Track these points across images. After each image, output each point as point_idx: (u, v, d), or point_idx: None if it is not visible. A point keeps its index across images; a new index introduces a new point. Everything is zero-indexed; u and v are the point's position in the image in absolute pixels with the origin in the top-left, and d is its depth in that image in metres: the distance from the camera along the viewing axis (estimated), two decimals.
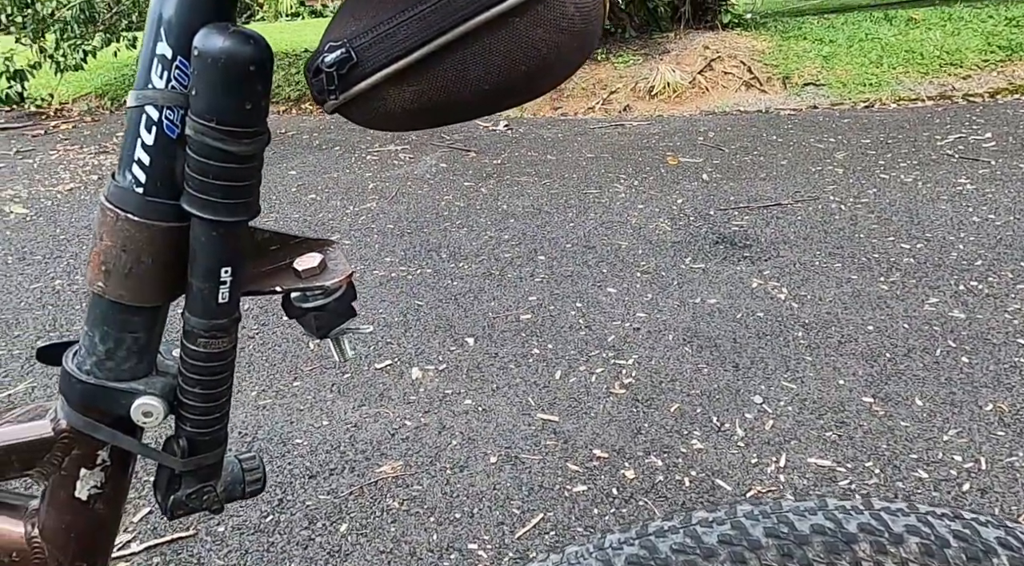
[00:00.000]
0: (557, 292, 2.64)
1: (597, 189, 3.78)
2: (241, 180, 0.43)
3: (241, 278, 0.46)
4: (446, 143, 4.92)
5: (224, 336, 0.47)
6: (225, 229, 0.44)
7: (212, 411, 0.49)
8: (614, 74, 6.26)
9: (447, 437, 1.87)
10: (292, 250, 0.51)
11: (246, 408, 2.02)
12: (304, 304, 0.52)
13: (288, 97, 6.87)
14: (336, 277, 0.50)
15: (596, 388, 2.05)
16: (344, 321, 0.53)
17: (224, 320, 0.46)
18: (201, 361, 0.46)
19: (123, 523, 1.59)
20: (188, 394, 0.48)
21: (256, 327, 2.47)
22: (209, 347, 0.46)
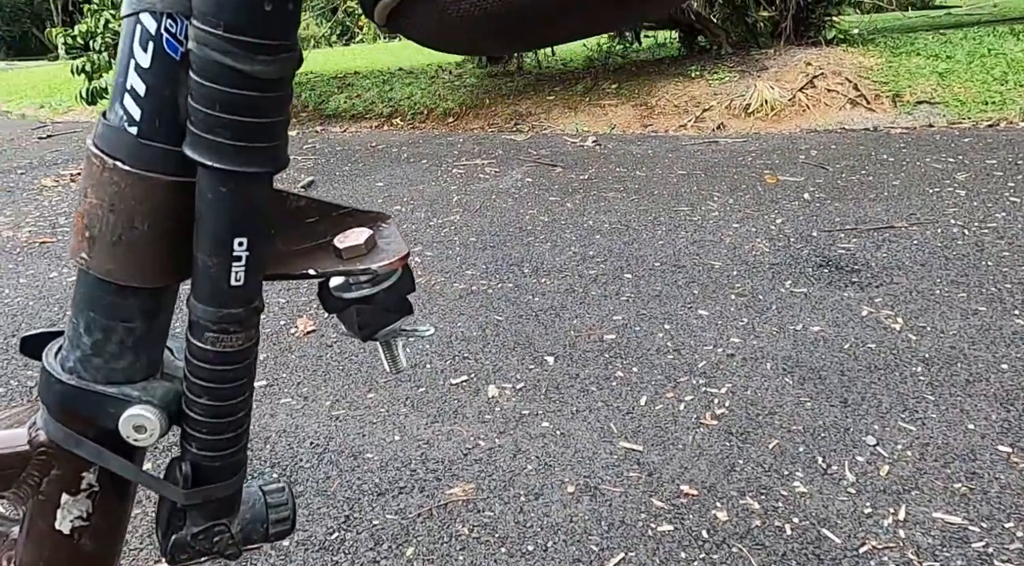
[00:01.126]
0: (644, 312, 2.49)
1: (688, 207, 3.60)
2: (259, 115, 0.32)
3: (263, 254, 0.36)
4: (532, 158, 4.86)
5: (238, 330, 0.36)
6: (237, 184, 0.33)
7: (223, 428, 0.38)
8: (708, 91, 6.05)
9: (522, 461, 1.75)
10: (335, 223, 0.40)
11: (319, 418, 1.97)
12: (346, 294, 0.42)
13: (381, 113, 7.02)
14: (387, 259, 0.39)
15: (685, 417, 1.88)
16: (396, 319, 0.42)
17: (238, 309, 0.36)
18: (208, 362, 0.36)
19: None
20: (194, 406, 0.38)
21: (335, 336, 2.44)
22: (219, 344, 0.36)
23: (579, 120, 6.09)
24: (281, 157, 0.35)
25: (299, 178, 4.61)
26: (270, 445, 1.86)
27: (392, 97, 7.25)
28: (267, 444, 1.86)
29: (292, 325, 2.53)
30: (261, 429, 1.92)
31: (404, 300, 0.43)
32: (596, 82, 6.83)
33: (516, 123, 6.29)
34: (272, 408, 2.02)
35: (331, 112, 7.27)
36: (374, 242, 0.40)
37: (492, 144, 5.47)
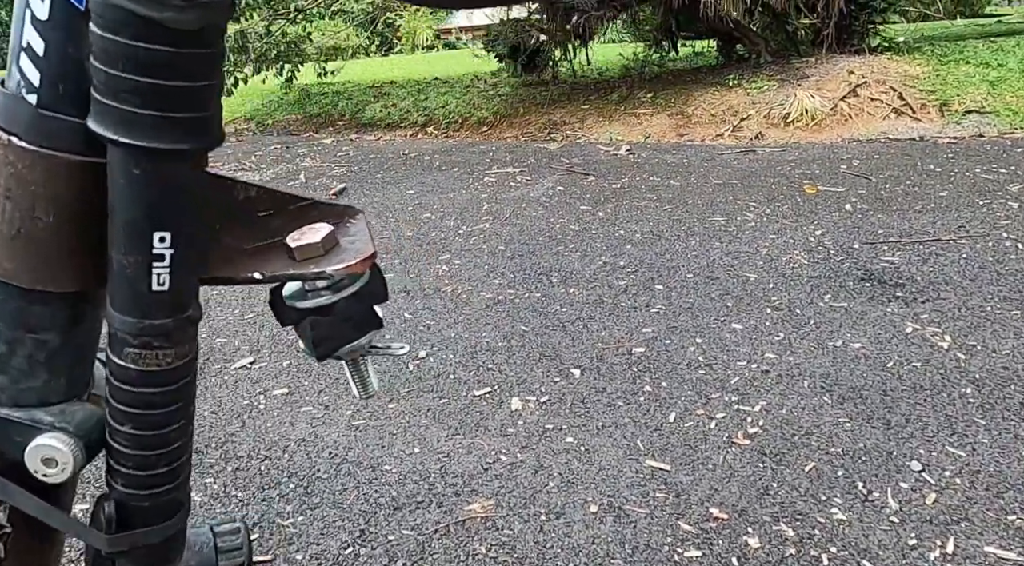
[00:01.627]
0: (675, 325, 2.41)
1: (724, 217, 3.50)
2: (176, 77, 0.26)
3: (194, 253, 0.30)
4: (565, 166, 4.80)
5: (165, 345, 0.30)
6: (153, 164, 0.27)
7: (153, 463, 0.32)
8: (746, 100, 5.93)
9: (544, 477, 1.69)
10: (293, 218, 0.35)
11: (339, 427, 1.94)
12: (299, 303, 0.35)
13: (415, 122, 7.05)
14: (346, 261, 0.33)
15: (716, 436, 1.80)
16: (361, 335, 0.36)
17: (163, 319, 0.30)
18: (130, 384, 0.30)
19: None
20: (117, 435, 0.32)
21: None
22: (142, 362, 0.30)
23: (613, 129, 6.02)
24: (212, 131, 0.29)
25: (331, 185, 4.63)
26: (288, 454, 1.83)
27: (427, 106, 7.28)
28: (285, 453, 1.83)
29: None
30: (280, 438, 1.90)
31: (371, 312, 0.37)
32: (631, 91, 6.76)
33: (550, 132, 6.25)
34: (292, 416, 1.99)
35: (367, 121, 7.33)
36: (335, 241, 0.34)
37: (524, 153, 5.44)
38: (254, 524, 1.59)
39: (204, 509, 1.63)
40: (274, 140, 6.80)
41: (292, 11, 8.02)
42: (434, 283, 2.90)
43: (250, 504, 1.64)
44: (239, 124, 7.92)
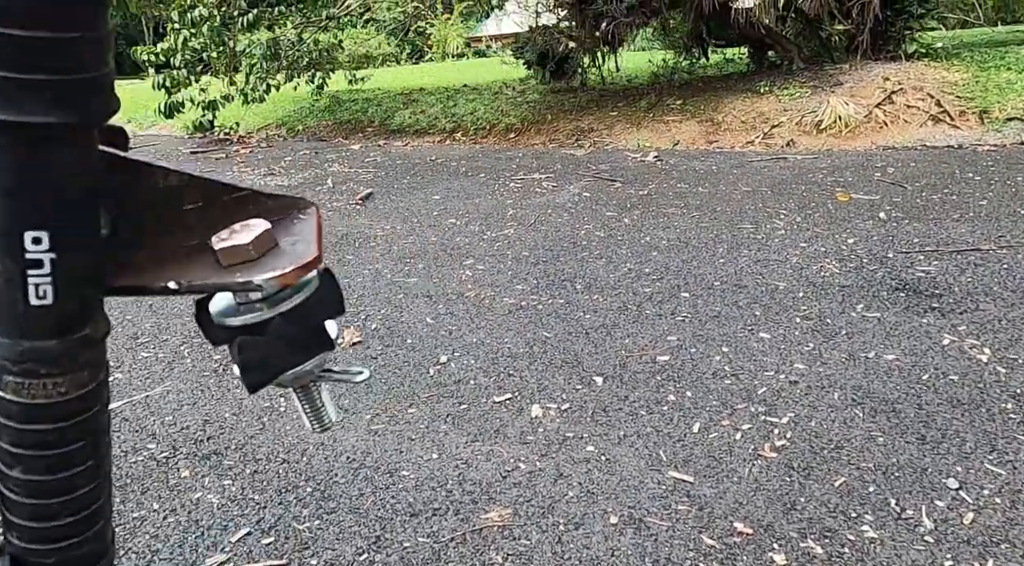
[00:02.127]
0: (701, 334, 2.35)
1: (752, 224, 3.43)
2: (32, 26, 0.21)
3: (86, 257, 0.25)
4: (591, 173, 4.77)
5: (54, 373, 0.25)
6: (17, 143, 0.22)
7: (52, 513, 0.27)
8: (777, 107, 5.84)
9: (563, 487, 1.65)
10: (227, 212, 0.29)
11: (358, 432, 1.92)
12: (228, 320, 0.29)
13: (443, 128, 7.07)
14: (277, 269, 0.27)
15: (741, 448, 1.75)
16: (303, 360, 0.30)
17: (48, 341, 0.24)
18: (12, 419, 0.25)
19: (220, 542, 1.53)
20: (6, 480, 0.26)
21: (380, 348, 2.40)
22: (25, 393, 0.25)
23: (641, 136, 5.97)
24: (92, 101, 0.23)
25: (358, 190, 4.65)
26: (307, 458, 1.81)
27: (455, 113, 7.30)
28: (304, 456, 1.82)
29: (339, 336, 2.50)
30: (299, 441, 1.89)
31: (319, 330, 0.31)
32: (660, 98, 6.70)
33: (577, 138, 6.22)
34: None
35: (396, 127, 7.37)
36: (271, 242, 0.28)
37: (551, 159, 5.41)
38: (270, 527, 1.57)
39: (222, 511, 1.63)
40: (304, 146, 6.88)
41: (324, 19, 8.12)
42: (457, 288, 2.88)
43: (267, 507, 1.63)
44: (270, 130, 8.03)
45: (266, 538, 1.53)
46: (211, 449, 1.87)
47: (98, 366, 0.26)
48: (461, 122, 7.09)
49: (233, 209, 0.29)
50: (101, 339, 0.26)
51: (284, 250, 0.28)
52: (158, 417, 2.04)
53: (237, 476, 1.75)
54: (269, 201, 0.30)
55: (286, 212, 0.30)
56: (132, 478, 1.76)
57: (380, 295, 2.85)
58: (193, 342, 2.51)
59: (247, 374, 0.29)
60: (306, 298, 0.30)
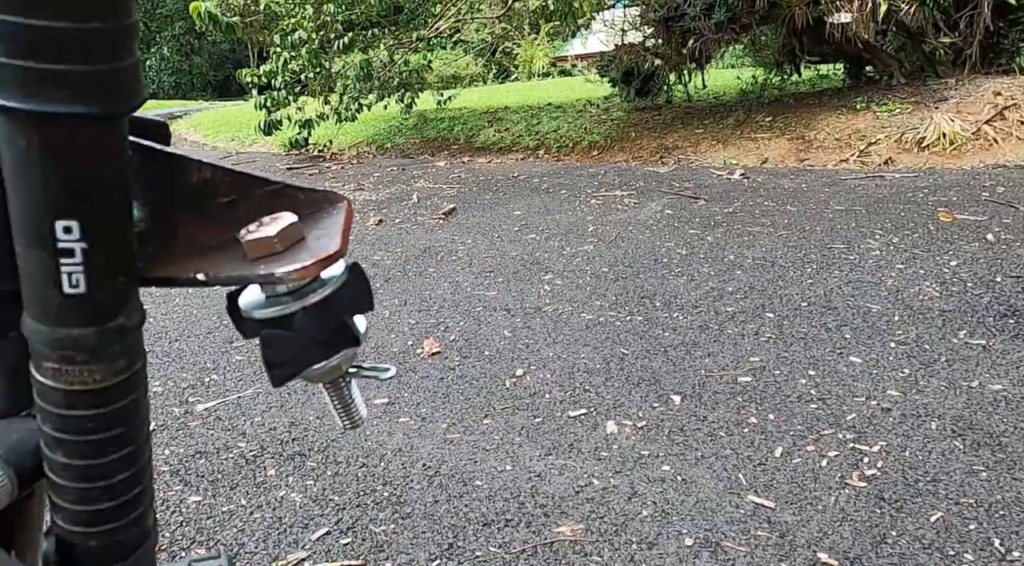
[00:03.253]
0: (785, 355, 2.27)
1: (844, 244, 3.29)
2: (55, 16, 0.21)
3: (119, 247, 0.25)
4: (675, 190, 4.70)
5: (89, 361, 0.25)
6: (46, 133, 0.22)
7: (93, 497, 0.27)
8: (875, 124, 5.59)
9: (637, 505, 1.62)
10: (259, 206, 0.29)
11: (434, 440, 1.96)
12: (256, 313, 0.30)
13: (527, 146, 7.15)
14: (300, 262, 0.27)
15: (827, 475, 1.67)
16: (328, 356, 0.31)
17: (83, 329, 0.25)
18: (53, 405, 0.26)
19: (301, 540, 1.58)
20: (50, 463, 0.28)
21: (458, 359, 2.44)
22: (63, 380, 0.26)
23: (728, 153, 5.84)
24: (121, 90, 0.23)
25: (441, 205, 4.76)
26: (384, 463, 1.86)
27: (539, 130, 7.37)
28: (382, 461, 1.87)
29: (419, 345, 2.56)
30: (378, 446, 1.94)
31: (344, 326, 0.31)
32: (749, 115, 6.55)
33: (661, 156, 6.15)
34: (390, 426, 2.04)
35: (480, 144, 7.51)
36: (297, 235, 0.28)
37: (634, 176, 5.37)
38: (348, 528, 1.62)
39: (303, 510, 1.69)
40: (391, 162, 7.11)
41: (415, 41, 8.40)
42: (535, 302, 2.90)
43: (345, 509, 1.68)
44: (361, 147, 8.35)
45: (344, 538, 1.58)
46: (295, 450, 1.94)
47: (134, 354, 0.27)
48: (544, 140, 7.15)
49: (265, 202, 0.30)
50: (135, 328, 0.26)
51: (309, 244, 0.29)
52: (248, 417, 2.14)
53: (319, 477, 1.81)
54: (301, 195, 0.30)
55: (317, 206, 0.30)
56: (223, 474, 1.86)
57: (460, 307, 2.90)
58: None
59: (272, 368, 0.30)
60: (332, 293, 0.30)
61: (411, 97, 8.53)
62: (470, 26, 10.72)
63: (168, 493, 1.78)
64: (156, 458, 1.93)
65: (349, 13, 7.19)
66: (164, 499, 1.76)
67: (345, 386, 0.34)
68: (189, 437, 2.03)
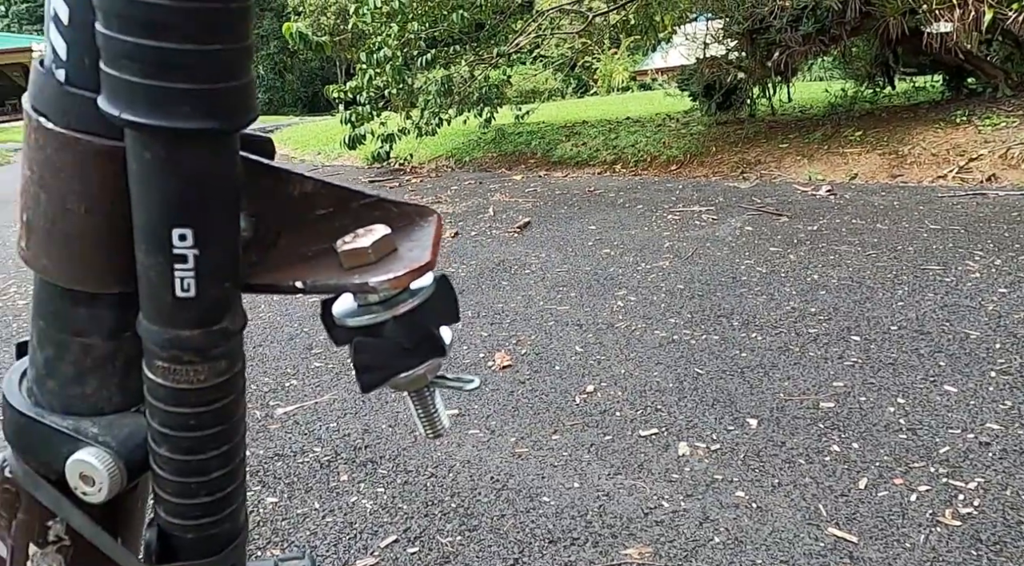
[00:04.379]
0: (872, 381, 2.16)
1: (940, 266, 3.11)
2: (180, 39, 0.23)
3: (227, 254, 0.27)
4: (756, 206, 4.56)
5: (196, 361, 0.27)
6: (167, 148, 0.24)
7: (194, 490, 0.29)
8: (977, 138, 5.27)
9: (709, 531, 1.57)
10: (355, 218, 0.31)
11: (502, 453, 1.96)
12: (348, 321, 0.31)
13: (604, 160, 7.11)
14: (392, 272, 0.28)
15: (916, 511, 1.57)
16: (415, 364, 0.31)
17: (191, 330, 0.27)
18: (162, 402, 0.28)
19: (370, 546, 1.61)
20: (156, 457, 0.29)
21: (529, 373, 2.44)
22: (171, 378, 0.27)
23: (814, 168, 5.64)
24: (235, 108, 0.24)
25: (517, 219, 4.79)
26: (453, 474, 1.87)
27: (617, 144, 7.33)
28: (450, 472, 1.88)
29: (490, 358, 2.58)
30: (446, 457, 1.96)
31: (431, 336, 0.31)
32: (838, 129, 6.30)
33: (742, 171, 5.99)
34: (460, 438, 2.05)
35: (557, 159, 7.53)
36: (391, 247, 0.29)
37: (713, 191, 5.26)
38: (416, 538, 1.64)
39: (373, 516, 1.72)
40: (469, 176, 7.22)
41: (495, 56, 8.53)
42: (608, 318, 2.87)
43: (413, 518, 1.70)
44: (440, 161, 8.52)
45: (411, 547, 1.60)
46: (367, 457, 1.98)
47: (235, 357, 0.28)
48: (622, 154, 7.10)
49: (361, 214, 0.31)
50: (237, 332, 0.28)
51: (401, 255, 0.30)
52: (324, 423, 2.20)
53: (389, 485, 1.84)
54: (394, 208, 0.31)
55: (409, 219, 0.31)
56: (299, 477, 1.91)
57: (532, 321, 2.90)
58: None
59: (362, 374, 0.31)
60: (420, 303, 0.31)
61: (490, 112, 8.66)
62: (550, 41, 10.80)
63: (248, 493, 1.85)
64: None
65: (432, 31, 7.39)
66: None
67: (429, 395, 0.35)
68: (268, 440, 2.11)
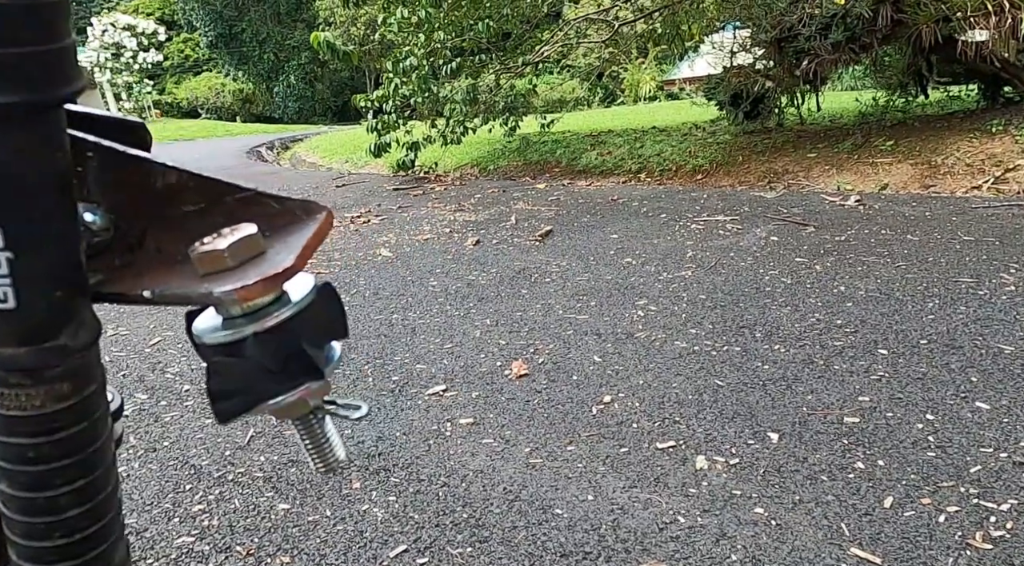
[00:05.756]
0: (900, 396, 2.09)
1: (973, 278, 3.01)
2: None
3: (58, 258, 0.23)
4: (782, 216, 4.49)
5: (27, 383, 0.23)
6: None
7: (41, 533, 0.25)
8: (1014, 148, 5.14)
9: (726, 548, 1.52)
10: (228, 214, 0.27)
11: (516, 464, 1.93)
12: (205, 337, 0.27)
13: (629, 169, 7.07)
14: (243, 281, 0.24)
15: (945, 533, 1.51)
16: (282, 390, 0.27)
17: (16, 348, 0.23)
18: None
19: (380, 556, 1.59)
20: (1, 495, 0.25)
21: (546, 382, 2.41)
22: (4, 404, 0.23)
23: (843, 178, 5.53)
24: (56, 76, 0.20)
25: (539, 227, 4.77)
26: (466, 484, 1.85)
27: (642, 153, 7.28)
28: (463, 482, 1.86)
29: (507, 367, 2.55)
30: (460, 466, 1.93)
31: (301, 356, 0.27)
32: (868, 138, 6.18)
33: (769, 181, 5.90)
34: (474, 447, 2.03)
35: (581, 167, 7.50)
36: (256, 249, 0.25)
37: (738, 201, 5.18)
38: (426, 548, 1.62)
39: (384, 525, 1.70)
40: (493, 184, 7.22)
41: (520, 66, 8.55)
42: (627, 328, 2.83)
43: (424, 527, 1.68)
44: (464, 170, 8.54)
45: (421, 558, 1.58)
46: (380, 465, 1.97)
47: (82, 377, 0.24)
48: (647, 163, 7.05)
49: (236, 211, 0.27)
50: (83, 348, 0.24)
51: (268, 259, 0.25)
52: (339, 430, 2.19)
53: (401, 494, 1.83)
54: (275, 204, 0.27)
55: (292, 217, 0.27)
56: (312, 484, 1.90)
57: (550, 330, 2.87)
58: (375, 362, 2.68)
59: (216, 402, 0.26)
60: (291, 316, 0.26)
61: (515, 121, 8.66)
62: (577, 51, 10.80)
63: (260, 499, 1.85)
64: (252, 464, 2.01)
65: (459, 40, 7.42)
66: (256, 505, 1.82)
67: (317, 423, 0.30)
68: (283, 445, 2.10)
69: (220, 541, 1.68)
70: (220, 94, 31.80)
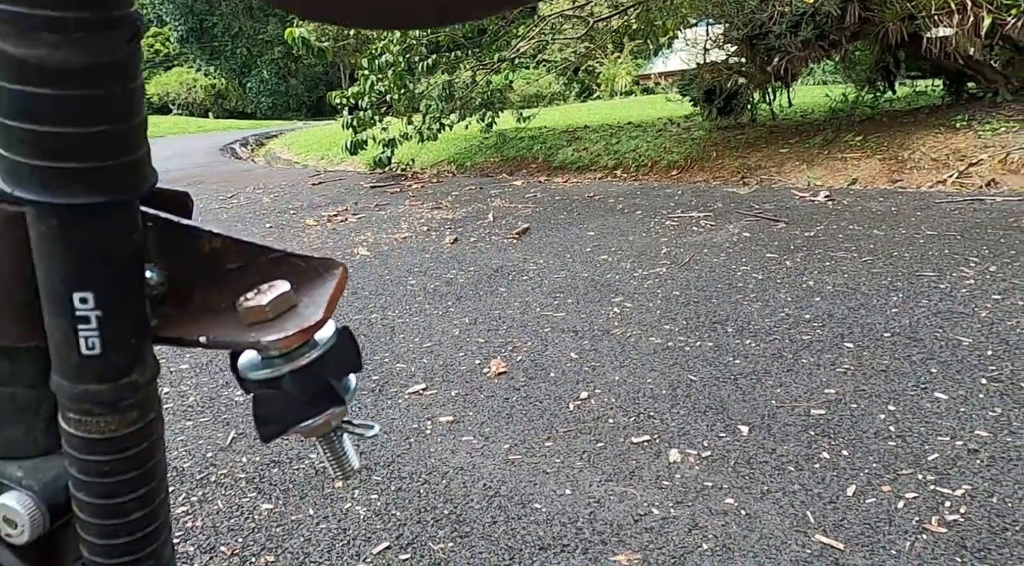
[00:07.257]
0: (864, 388, 2.17)
1: (935, 272, 3.12)
2: (64, 124, 0.24)
3: (131, 313, 0.28)
4: (754, 212, 4.58)
5: (105, 413, 0.29)
6: (61, 221, 0.26)
7: (110, 532, 0.30)
8: (976, 143, 5.28)
9: (697, 537, 1.59)
10: (262, 272, 0.32)
11: (496, 460, 1.98)
12: (250, 373, 0.33)
13: (605, 165, 7.14)
14: (284, 331, 0.30)
15: (903, 518, 1.58)
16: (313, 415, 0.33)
17: (100, 385, 0.28)
18: (77, 450, 0.29)
19: (363, 553, 1.63)
20: (75, 500, 0.31)
21: (524, 380, 2.46)
22: (82, 428, 0.29)
23: (813, 173, 5.65)
24: (125, 182, 0.26)
25: (516, 224, 4.81)
26: (446, 481, 1.89)
27: (618, 149, 7.35)
28: (444, 479, 1.90)
29: (486, 365, 2.60)
30: (440, 464, 1.98)
31: (328, 388, 0.33)
32: (838, 134, 6.31)
33: (742, 176, 6.01)
34: (454, 444, 2.07)
35: (558, 164, 7.55)
36: (289, 303, 0.31)
37: (712, 197, 5.27)
38: (408, 544, 1.66)
39: (366, 523, 1.74)
40: (470, 181, 7.25)
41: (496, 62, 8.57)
42: (604, 325, 2.89)
43: (406, 524, 1.72)
44: (441, 166, 8.55)
45: (403, 554, 1.62)
46: (362, 463, 2.00)
47: (146, 406, 0.30)
48: (623, 159, 7.12)
49: (268, 269, 0.33)
50: (147, 383, 0.29)
51: (299, 312, 0.31)
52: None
53: (383, 492, 1.87)
54: (301, 262, 0.33)
55: (315, 273, 0.33)
56: (295, 484, 1.94)
57: (528, 328, 2.92)
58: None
59: (261, 426, 0.33)
60: (319, 356, 0.32)
61: (492, 116, 8.69)
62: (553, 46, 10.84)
63: (243, 500, 1.87)
64: (234, 466, 2.04)
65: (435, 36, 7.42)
66: (239, 506, 1.85)
67: (337, 440, 0.36)
68: (265, 447, 2.13)
69: (204, 542, 1.71)
70: (192, 90, 31.36)
